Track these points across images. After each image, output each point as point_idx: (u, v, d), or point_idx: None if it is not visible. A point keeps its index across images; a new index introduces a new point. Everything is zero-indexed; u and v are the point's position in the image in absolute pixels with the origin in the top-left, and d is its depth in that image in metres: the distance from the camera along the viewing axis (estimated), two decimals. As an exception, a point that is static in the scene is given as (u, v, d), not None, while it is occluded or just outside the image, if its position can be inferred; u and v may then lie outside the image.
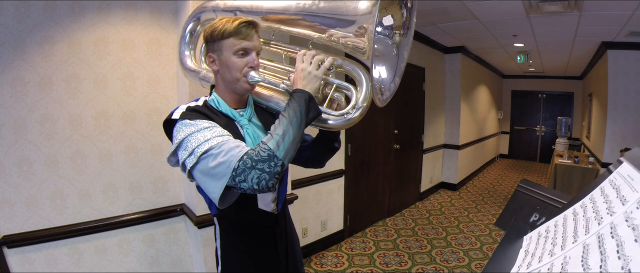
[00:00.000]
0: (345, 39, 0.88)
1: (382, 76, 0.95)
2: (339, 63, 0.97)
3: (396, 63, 0.96)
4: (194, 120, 0.89)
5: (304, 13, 0.94)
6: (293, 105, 0.86)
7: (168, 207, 2.05)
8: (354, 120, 0.95)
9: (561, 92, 8.18)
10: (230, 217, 1.04)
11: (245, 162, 0.80)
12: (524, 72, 7.77)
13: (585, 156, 4.91)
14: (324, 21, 0.92)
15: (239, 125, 1.00)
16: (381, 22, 0.94)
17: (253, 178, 0.80)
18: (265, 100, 1.06)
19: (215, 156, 0.82)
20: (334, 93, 0.98)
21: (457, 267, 2.97)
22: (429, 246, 3.39)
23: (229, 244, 1.06)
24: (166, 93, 2.02)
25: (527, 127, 8.80)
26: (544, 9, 3.03)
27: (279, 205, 1.10)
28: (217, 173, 0.82)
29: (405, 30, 0.95)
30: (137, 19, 1.88)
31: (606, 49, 4.14)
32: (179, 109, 0.94)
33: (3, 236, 1.56)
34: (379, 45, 0.95)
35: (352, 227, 3.59)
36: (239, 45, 0.93)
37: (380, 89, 0.93)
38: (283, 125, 0.84)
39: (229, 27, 0.91)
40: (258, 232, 1.06)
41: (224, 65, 0.95)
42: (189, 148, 0.85)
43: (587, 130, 5.96)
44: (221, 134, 0.86)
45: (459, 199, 5.01)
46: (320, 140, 1.12)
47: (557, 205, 0.87)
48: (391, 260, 3.07)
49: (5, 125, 1.54)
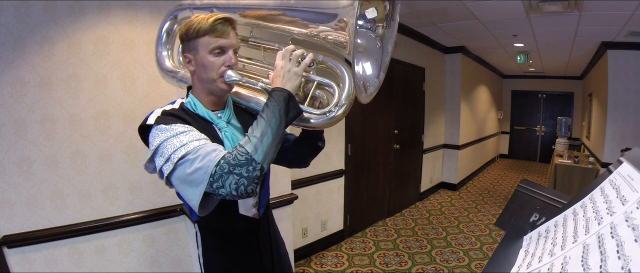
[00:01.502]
0: (326, 33, 0.84)
1: (366, 72, 0.91)
2: (321, 59, 0.93)
3: (381, 57, 0.92)
4: (169, 125, 0.84)
5: (283, 8, 0.90)
6: (271, 105, 0.82)
7: (168, 207, 2.05)
8: (337, 118, 0.91)
9: (561, 92, 8.18)
10: (211, 223, 1.00)
11: (222, 167, 0.76)
12: (524, 72, 7.77)
13: (585, 156, 4.91)
14: (304, 16, 0.88)
15: (217, 128, 0.96)
16: (364, 15, 0.90)
17: (231, 183, 0.76)
18: (245, 100, 1.02)
19: (192, 162, 0.78)
20: (315, 90, 0.94)
21: (457, 267, 2.97)
22: (429, 246, 3.39)
23: (211, 251, 1.02)
24: (166, 93, 2.02)
25: (527, 127, 8.80)
26: (544, 9, 3.03)
27: (261, 209, 1.06)
28: (194, 179, 0.78)
29: (389, 22, 0.91)
30: (137, 19, 1.88)
31: (606, 49, 4.14)
32: (154, 113, 0.90)
33: (3, 236, 1.56)
34: (362, 40, 0.91)
35: (352, 227, 3.59)
36: (215, 44, 0.89)
37: (364, 84, 0.89)
38: (261, 126, 0.80)
39: (204, 25, 0.87)
40: (240, 238, 1.03)
41: (200, 65, 0.91)
42: (165, 155, 0.81)
43: (587, 130, 5.96)
44: (198, 138, 0.82)
45: (459, 199, 5.01)
46: (304, 140, 1.08)
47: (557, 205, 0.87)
48: (391, 260, 3.07)
49: (5, 125, 1.54)
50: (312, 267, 2.92)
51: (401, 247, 3.36)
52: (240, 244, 1.03)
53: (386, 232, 3.73)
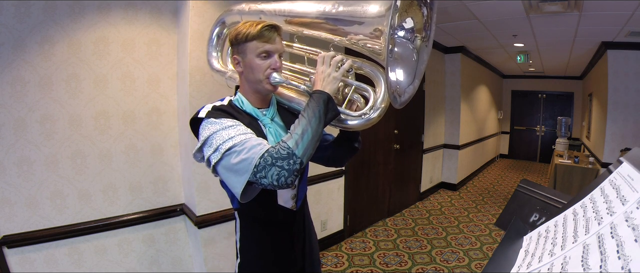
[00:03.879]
0: (364, 41, 0.90)
1: (399, 79, 0.96)
2: (358, 65, 0.99)
3: (415, 66, 0.97)
4: (218, 119, 0.93)
5: (324, 16, 0.97)
6: (312, 106, 0.89)
7: (168, 207, 2.05)
8: (372, 121, 0.97)
9: (561, 92, 8.18)
10: (250, 211, 1.07)
11: (265, 159, 0.83)
12: (524, 72, 7.77)
13: (585, 156, 4.91)
14: (343, 24, 0.94)
15: (262, 124, 1.04)
16: (402, 25, 0.96)
17: (273, 174, 0.83)
18: (288, 100, 1.10)
19: (238, 153, 0.86)
20: (353, 94, 1.01)
21: (457, 267, 2.97)
22: (429, 246, 3.39)
23: (248, 238, 1.09)
24: (166, 93, 2.02)
25: (527, 127, 8.80)
26: (544, 9, 3.03)
27: (298, 202, 1.13)
28: (239, 169, 0.85)
29: (427, 33, 0.97)
30: (137, 19, 1.88)
31: (606, 49, 4.14)
32: (205, 108, 0.98)
33: (3, 236, 1.56)
34: (399, 49, 0.96)
35: (352, 227, 3.59)
36: (262, 48, 0.97)
37: (398, 91, 0.94)
38: (302, 124, 0.87)
39: (252, 31, 0.95)
40: (276, 228, 1.10)
41: (247, 67, 0.99)
42: (213, 145, 0.89)
43: (587, 130, 5.96)
44: (244, 132, 0.90)
45: (459, 199, 5.01)
46: (341, 140, 1.15)
47: (557, 205, 0.87)
48: (391, 260, 3.07)
49: (5, 125, 1.54)
50: (312, 267, 2.92)
51: (401, 247, 3.36)
52: (275, 234, 1.10)
53: (386, 232, 3.73)
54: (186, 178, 2.04)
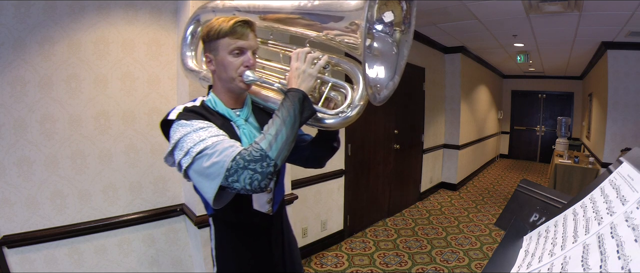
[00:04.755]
0: (341, 36, 0.86)
1: (379, 75, 0.93)
2: (336, 61, 0.95)
3: (396, 61, 0.94)
4: (190, 121, 0.89)
5: (300, 11, 0.93)
6: (286, 105, 0.85)
7: (168, 207, 2.05)
8: (351, 119, 0.93)
9: (561, 92, 8.18)
10: (225, 217, 1.03)
11: (237, 162, 0.79)
12: (524, 72, 7.77)
13: (585, 156, 4.91)
14: (319, 19, 0.90)
15: (235, 125, 0.99)
16: (382, 19, 0.92)
17: (245, 178, 0.79)
18: (263, 100, 1.06)
19: (209, 156, 0.82)
20: (330, 91, 0.97)
21: (457, 267, 2.97)
22: (429, 246, 3.39)
23: (223, 244, 1.05)
24: (166, 93, 2.02)
25: (527, 127, 8.80)
26: (544, 9, 3.03)
27: (275, 206, 1.08)
28: (211, 173, 0.81)
29: (406, 26, 0.93)
30: (137, 19, 1.88)
31: (606, 49, 4.14)
32: (176, 110, 0.94)
33: (3, 236, 1.56)
34: (378, 44, 0.94)
35: (352, 227, 3.59)
36: (235, 45, 0.93)
37: (377, 87, 0.91)
38: (276, 124, 0.84)
39: (224, 27, 0.91)
40: (253, 233, 1.05)
41: (220, 65, 0.95)
42: (184, 149, 0.85)
43: (587, 130, 5.96)
44: (216, 134, 0.86)
45: (459, 199, 5.01)
46: (319, 140, 1.11)
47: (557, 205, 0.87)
48: (391, 260, 3.07)
49: (5, 125, 1.54)
50: (312, 267, 2.92)
51: (401, 247, 3.36)
52: (252, 239, 1.06)
53: (386, 232, 3.73)
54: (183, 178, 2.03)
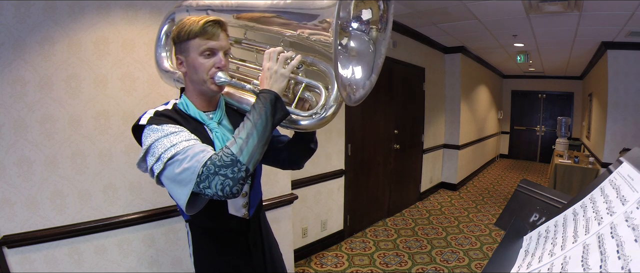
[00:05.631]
0: (314, 34, 0.84)
1: (355, 74, 0.90)
2: (310, 60, 0.93)
3: (373, 60, 0.91)
4: (160, 125, 0.86)
5: (274, 9, 0.91)
6: (258, 107, 0.83)
7: (168, 207, 2.05)
8: (326, 120, 0.90)
9: (561, 92, 8.18)
10: (201, 222, 1.01)
11: (208, 168, 0.77)
12: (524, 72, 7.77)
13: (585, 156, 4.91)
14: (292, 17, 0.88)
15: (208, 128, 0.97)
16: (359, 16, 0.90)
17: (217, 184, 0.77)
18: (237, 101, 1.03)
19: (180, 162, 0.80)
20: (304, 92, 0.94)
21: (457, 267, 2.97)
22: (429, 246, 3.39)
23: (201, 250, 1.03)
24: (166, 93, 2.02)
25: (527, 127, 8.80)
26: (544, 9, 3.03)
27: (251, 210, 1.07)
28: (182, 179, 0.79)
29: (383, 25, 0.91)
30: (137, 19, 1.88)
31: (606, 49, 4.14)
32: (147, 114, 0.92)
33: (3, 236, 1.56)
34: (354, 42, 0.91)
35: (352, 227, 3.59)
36: (205, 46, 0.90)
37: (352, 87, 0.88)
38: (247, 128, 0.81)
39: (194, 27, 0.88)
40: (230, 238, 1.04)
41: (190, 67, 0.93)
42: (156, 154, 0.83)
43: (587, 130, 5.96)
44: (187, 139, 0.84)
45: (459, 199, 5.01)
46: (296, 141, 1.08)
47: (557, 205, 0.87)
48: (391, 260, 3.07)
49: (5, 125, 1.54)
50: (312, 267, 2.92)
51: (401, 247, 3.36)
52: (230, 244, 1.04)
53: (386, 232, 3.73)
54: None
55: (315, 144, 1.09)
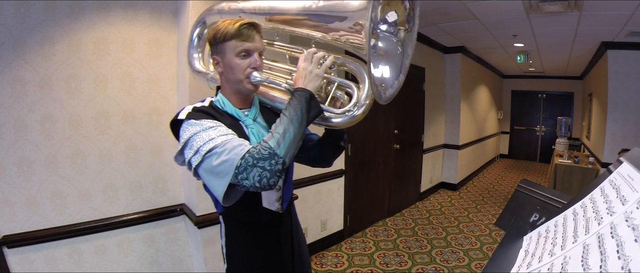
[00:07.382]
0: (345, 36, 0.88)
1: (384, 74, 0.94)
2: (341, 61, 0.97)
3: (401, 60, 0.95)
4: (199, 120, 0.91)
5: (305, 12, 0.95)
6: (294, 104, 0.87)
7: (168, 207, 2.05)
8: (357, 118, 0.95)
9: (561, 92, 8.18)
10: (235, 215, 1.05)
11: (247, 160, 0.81)
12: (524, 72, 7.77)
13: (585, 156, 4.91)
14: (324, 20, 0.92)
15: (244, 124, 1.01)
16: (385, 19, 0.94)
17: (255, 176, 0.81)
18: (270, 100, 1.08)
19: (219, 154, 0.83)
20: (336, 91, 0.99)
21: (457, 267, 2.97)
22: (429, 246, 3.39)
23: (234, 242, 1.07)
24: (166, 93, 2.02)
25: (527, 127, 8.80)
26: (544, 9, 3.03)
27: (284, 204, 1.10)
28: (220, 171, 0.83)
29: (410, 25, 0.95)
30: (137, 19, 1.88)
31: (606, 49, 4.14)
32: (185, 110, 0.96)
33: (3, 236, 1.56)
34: (383, 43, 0.95)
35: (352, 227, 3.59)
36: (241, 47, 0.94)
37: (382, 86, 0.93)
38: (284, 123, 0.85)
39: (230, 30, 0.93)
40: (262, 231, 1.07)
41: (227, 67, 0.97)
42: (194, 147, 0.87)
43: (587, 130, 5.96)
44: (225, 133, 0.88)
45: (459, 199, 5.01)
46: (326, 139, 1.13)
47: (557, 205, 0.87)
48: (391, 260, 3.07)
49: (5, 125, 1.54)
50: (312, 267, 2.92)
51: (401, 247, 3.36)
52: (262, 237, 1.07)
53: (386, 232, 3.73)
54: (186, 178, 2.03)
55: (345, 142, 1.14)
